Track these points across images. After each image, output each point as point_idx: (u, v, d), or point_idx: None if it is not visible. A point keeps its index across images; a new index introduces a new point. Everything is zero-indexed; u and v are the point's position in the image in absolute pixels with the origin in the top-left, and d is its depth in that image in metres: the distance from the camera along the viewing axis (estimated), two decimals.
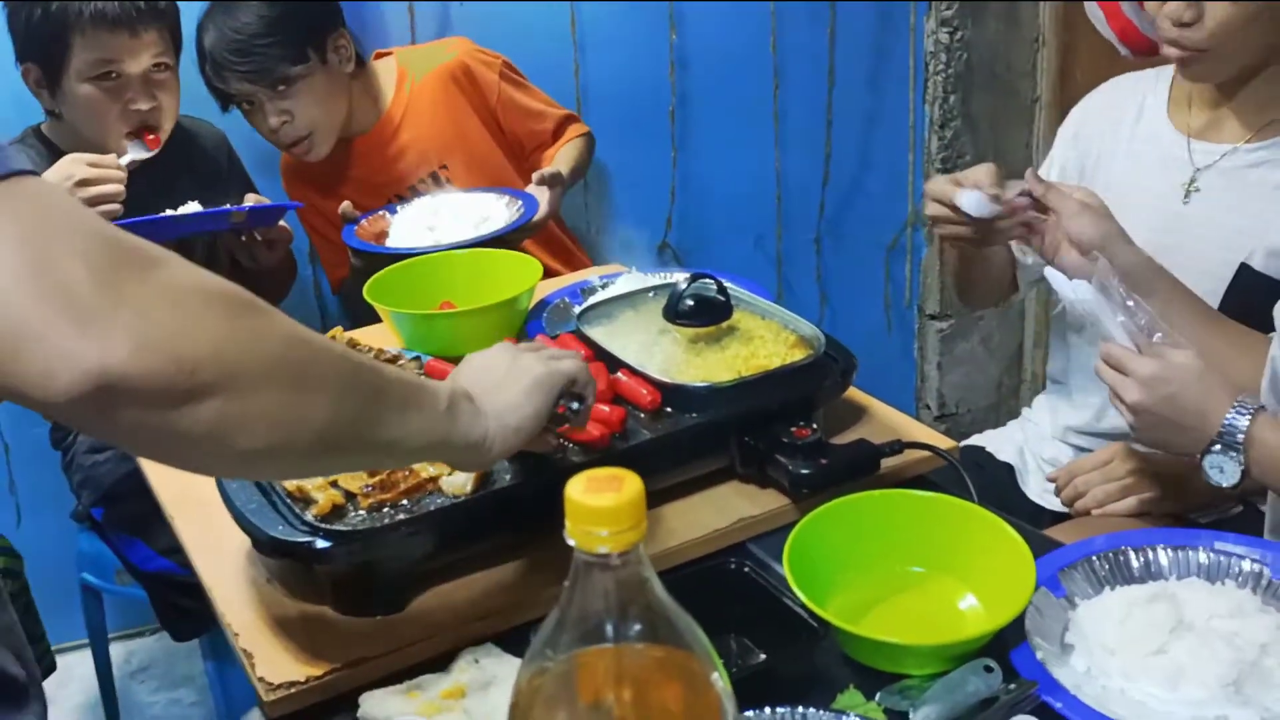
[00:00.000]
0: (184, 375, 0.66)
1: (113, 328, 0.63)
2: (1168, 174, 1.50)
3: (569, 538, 0.58)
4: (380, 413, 0.82)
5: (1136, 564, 1.03)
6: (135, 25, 1.83)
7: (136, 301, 0.64)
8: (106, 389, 0.63)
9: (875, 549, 1.06)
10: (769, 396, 1.21)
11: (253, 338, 0.70)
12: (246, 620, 1.08)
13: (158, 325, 0.65)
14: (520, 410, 0.96)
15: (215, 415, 0.68)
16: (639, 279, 1.70)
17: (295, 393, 0.74)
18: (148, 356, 0.64)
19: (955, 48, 2.65)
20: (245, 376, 0.69)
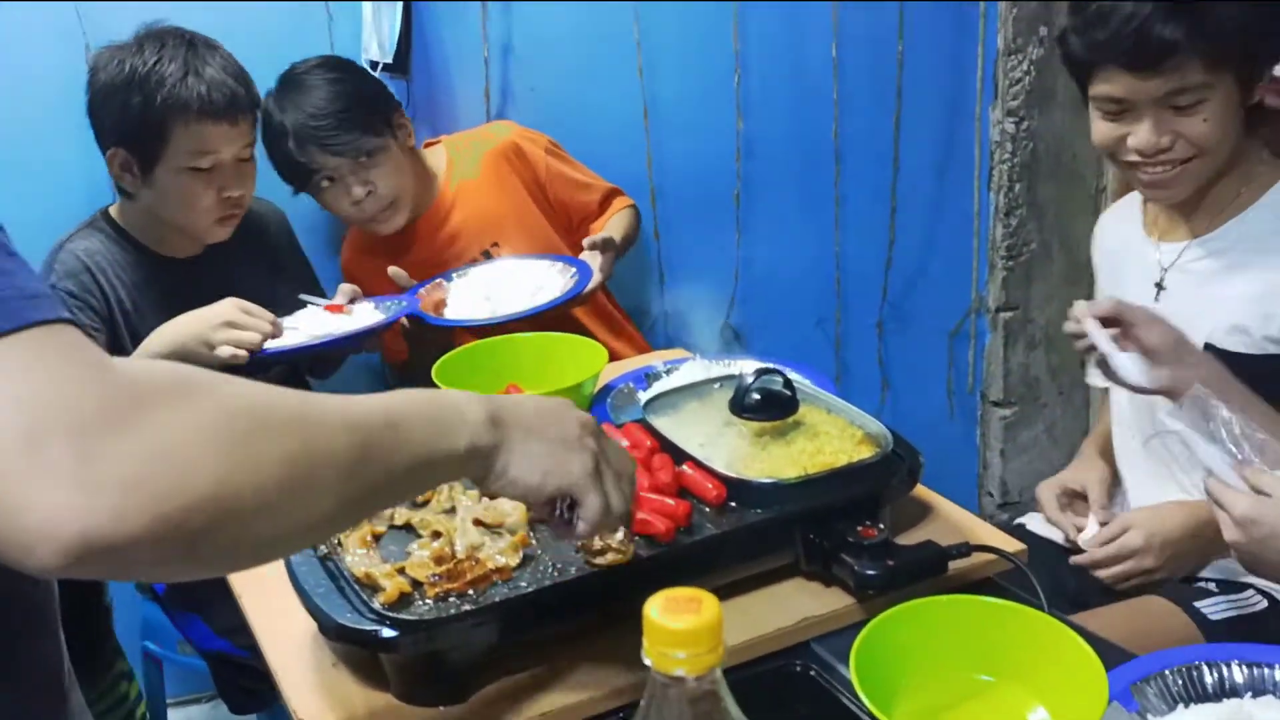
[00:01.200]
0: (173, 530, 0.64)
1: (96, 493, 0.61)
2: (1144, 279, 1.62)
3: (646, 657, 0.58)
4: (393, 481, 0.81)
5: (1210, 680, 1.01)
6: (236, 115, 1.87)
7: (117, 465, 0.62)
8: (89, 556, 0.62)
9: (943, 655, 1.04)
10: (835, 494, 1.21)
11: (254, 467, 0.68)
12: (311, 704, 1.09)
13: (146, 483, 0.63)
14: (523, 472, 0.92)
15: (217, 550, 0.68)
16: (704, 366, 1.71)
17: (301, 504, 0.72)
18: (132, 518, 0.62)
19: (1021, 137, 2.66)
20: (245, 510, 0.68)
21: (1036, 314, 2.83)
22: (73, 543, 0.61)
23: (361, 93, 2.09)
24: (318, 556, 1.14)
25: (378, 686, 1.09)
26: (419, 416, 0.84)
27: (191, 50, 1.85)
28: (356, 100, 2.07)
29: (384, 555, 1.13)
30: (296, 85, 2.06)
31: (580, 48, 2.40)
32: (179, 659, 2.07)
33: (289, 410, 0.73)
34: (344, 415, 0.77)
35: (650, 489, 1.20)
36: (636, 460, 1.25)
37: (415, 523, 1.19)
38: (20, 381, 0.63)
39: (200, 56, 1.85)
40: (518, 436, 0.92)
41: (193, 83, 1.82)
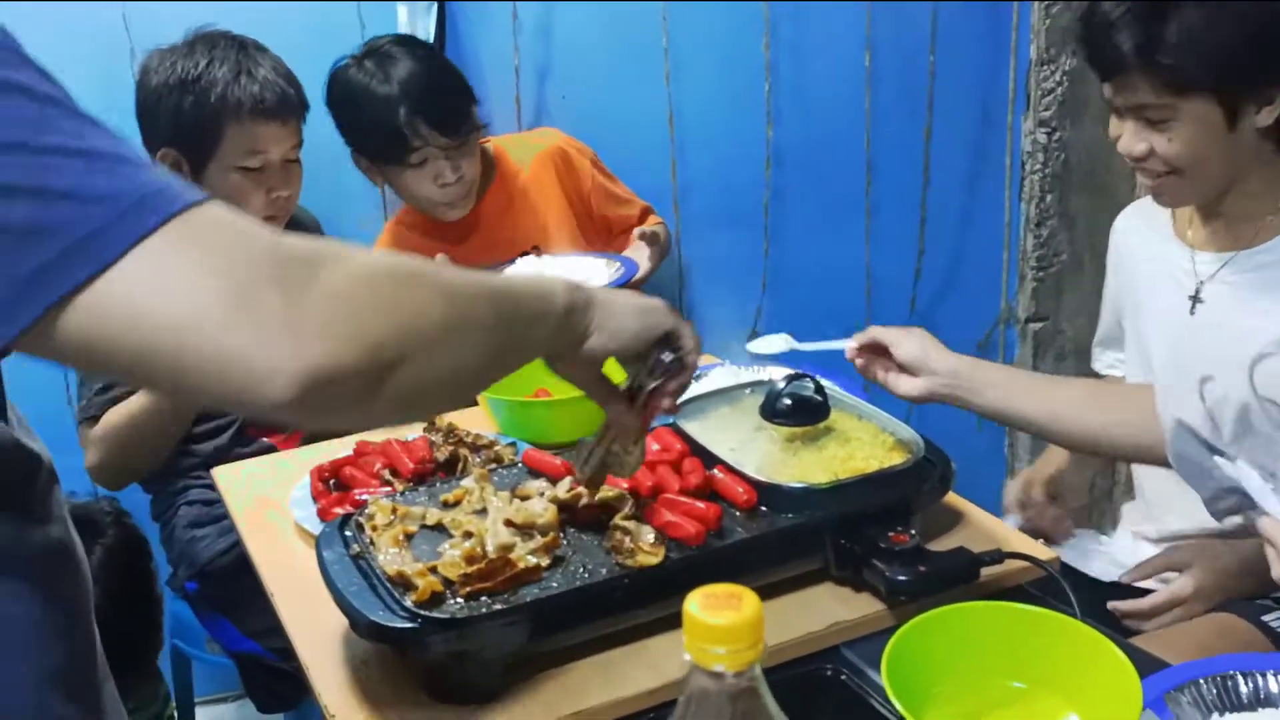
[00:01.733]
0: (374, 358, 0.73)
1: (305, 334, 0.70)
2: (1178, 288, 1.56)
3: (685, 653, 0.59)
4: (520, 335, 0.92)
5: (1245, 689, 1.00)
6: (286, 115, 1.90)
7: (318, 304, 0.71)
8: (313, 389, 0.70)
9: (975, 662, 1.04)
10: (866, 500, 1.21)
11: (418, 309, 0.77)
12: (342, 701, 1.09)
13: (341, 321, 0.71)
14: (624, 320, 1.02)
15: (405, 386, 0.76)
16: (733, 372, 1.71)
17: (461, 345, 0.82)
18: (341, 351, 0.71)
19: (1053, 148, 2.65)
20: (421, 346, 0.77)
21: (1066, 325, 2.81)
22: (298, 377, 0.69)
23: (459, 75, 2.12)
24: (350, 555, 1.15)
25: (408, 684, 1.10)
26: (522, 286, 0.94)
27: (243, 52, 1.88)
28: (458, 81, 2.10)
29: (416, 555, 1.14)
30: (390, 58, 2.04)
31: (610, 54, 2.41)
32: (207, 658, 2.08)
33: (428, 266, 0.83)
34: (470, 277, 0.86)
35: (680, 492, 1.20)
36: (667, 464, 1.26)
37: (447, 523, 1.19)
38: (210, 251, 0.70)
39: (251, 58, 1.88)
40: (603, 300, 1.02)
41: (246, 83, 1.85)
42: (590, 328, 1.00)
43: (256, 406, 0.70)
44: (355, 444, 1.52)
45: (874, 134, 2.55)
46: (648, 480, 1.22)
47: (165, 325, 0.68)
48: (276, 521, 1.43)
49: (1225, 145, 1.42)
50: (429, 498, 1.26)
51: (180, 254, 0.69)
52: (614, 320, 1.02)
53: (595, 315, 1.00)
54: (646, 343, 1.05)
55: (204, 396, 0.71)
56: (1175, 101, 1.39)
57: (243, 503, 1.52)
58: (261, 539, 1.41)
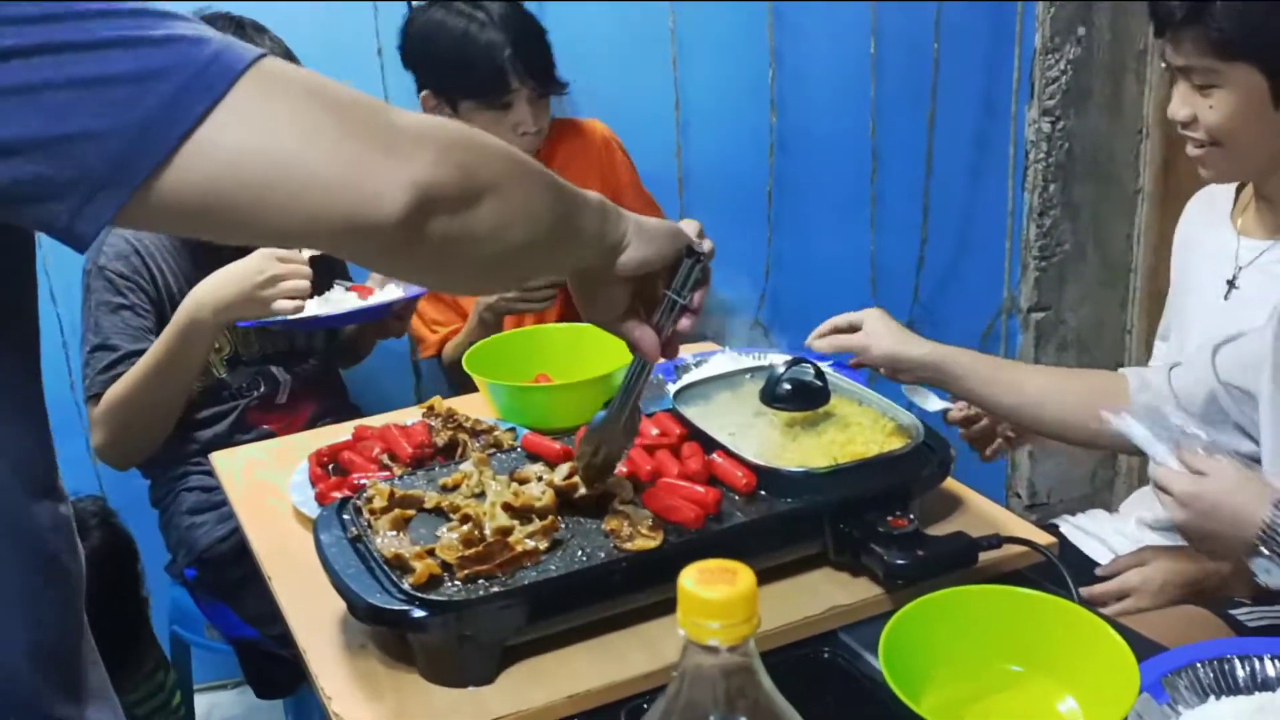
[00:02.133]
0: (469, 178, 0.79)
1: (410, 152, 0.75)
2: (1217, 272, 1.57)
3: (680, 628, 0.58)
4: (570, 209, 0.93)
5: (1242, 673, 1.00)
6: None
7: (410, 131, 0.76)
8: (424, 200, 0.74)
9: (973, 646, 1.04)
10: (865, 485, 1.20)
11: (489, 151, 0.82)
12: (340, 684, 1.09)
13: (435, 144, 0.77)
14: (654, 231, 1.03)
15: (494, 212, 0.81)
16: (733, 358, 1.71)
17: (531, 190, 0.86)
18: (443, 168, 0.76)
19: (1057, 137, 2.65)
20: (502, 178, 0.82)
21: (1069, 315, 2.81)
22: (407, 189, 0.74)
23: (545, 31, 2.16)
24: (348, 538, 1.15)
25: (406, 667, 1.10)
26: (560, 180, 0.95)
27: (240, 32, 1.86)
28: (545, 36, 2.13)
29: (414, 538, 1.14)
30: (482, 2, 2.07)
31: (615, 41, 2.41)
32: (206, 644, 2.08)
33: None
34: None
35: (680, 477, 1.20)
36: (666, 449, 1.26)
37: (445, 506, 1.19)
38: (299, 86, 0.73)
39: (249, 38, 1.86)
40: (631, 214, 1.03)
41: None
42: (626, 237, 1.01)
43: (373, 222, 0.73)
44: (354, 429, 1.52)
45: (878, 123, 2.55)
46: (647, 465, 1.22)
47: (280, 151, 0.71)
48: (275, 506, 1.43)
49: (1268, 122, 1.41)
50: (427, 481, 1.25)
51: (275, 92, 0.72)
52: (648, 230, 1.03)
53: (629, 226, 1.01)
54: (677, 252, 1.06)
55: (323, 223, 0.73)
56: (1219, 66, 1.39)
57: (241, 488, 1.52)
58: (259, 524, 1.41)
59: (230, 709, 2.57)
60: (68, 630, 0.87)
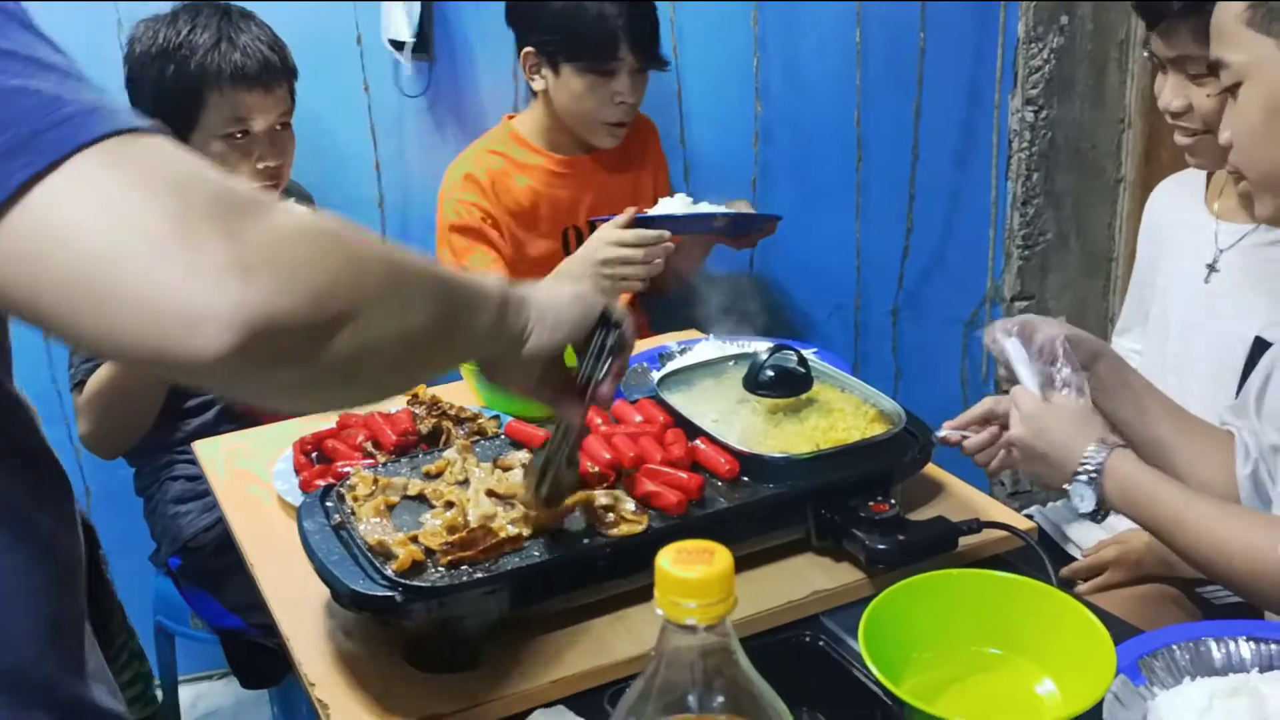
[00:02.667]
0: (320, 307, 0.66)
1: (249, 275, 0.62)
2: (1196, 254, 1.58)
3: (657, 607, 0.59)
4: (459, 315, 0.86)
5: (1218, 655, 1.01)
6: (269, 82, 1.88)
7: (262, 246, 0.64)
8: (254, 338, 0.62)
9: (952, 628, 1.05)
10: (847, 470, 1.21)
11: (361, 264, 0.71)
12: (323, 671, 1.09)
13: (287, 265, 0.64)
14: (561, 312, 0.99)
15: (350, 343, 0.69)
16: (717, 346, 1.72)
17: (404, 308, 0.76)
18: (287, 296, 0.64)
19: (1040, 126, 2.65)
20: (366, 300, 0.70)
21: (1052, 304, 2.82)
22: (235, 321, 0.61)
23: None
24: (331, 525, 1.15)
25: (389, 654, 1.10)
26: (453, 270, 0.90)
27: (226, 19, 1.86)
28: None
29: (397, 525, 1.14)
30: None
31: None
32: (191, 634, 2.08)
33: (371, 234, 0.76)
34: (406, 248, 0.80)
35: (663, 463, 1.21)
36: (650, 435, 1.26)
37: (428, 493, 1.19)
38: (157, 171, 0.63)
39: (234, 24, 1.86)
40: (534, 293, 0.98)
41: (225, 49, 1.83)
42: (529, 326, 0.97)
43: (185, 357, 0.62)
44: (338, 417, 1.52)
45: (863, 112, 2.55)
46: (630, 451, 1.23)
47: (96, 248, 0.61)
48: (258, 495, 1.44)
49: None
50: (411, 469, 1.26)
51: (121, 172, 0.63)
52: (552, 314, 0.99)
53: (532, 312, 0.97)
54: (587, 329, 1.03)
55: (127, 343, 0.62)
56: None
57: (224, 476, 1.52)
58: (243, 512, 1.41)
59: (217, 700, 2.57)
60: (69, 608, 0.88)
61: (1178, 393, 1.56)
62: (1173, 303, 1.60)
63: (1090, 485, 1.21)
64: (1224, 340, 1.52)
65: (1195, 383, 1.57)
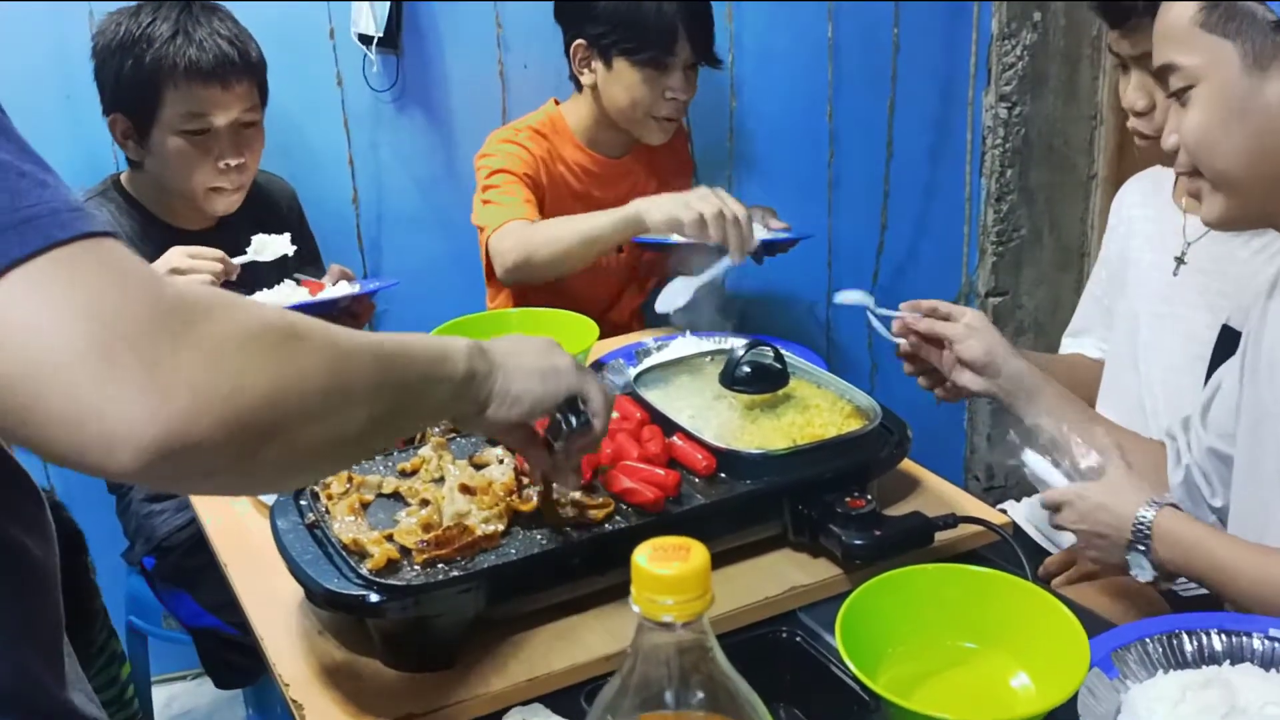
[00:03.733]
0: (240, 430, 0.67)
1: (166, 400, 0.64)
2: (1165, 249, 1.59)
3: (634, 604, 0.59)
4: (413, 399, 0.87)
5: (1190, 648, 1.02)
6: (228, 78, 1.85)
7: (188, 366, 0.65)
8: (167, 459, 0.64)
9: (928, 623, 1.05)
10: (824, 466, 1.21)
11: (298, 374, 0.72)
12: (297, 671, 1.09)
13: (210, 387, 0.65)
14: (525, 385, 0.98)
15: (274, 457, 0.70)
16: (694, 343, 1.71)
17: (341, 415, 0.76)
18: (204, 420, 0.65)
19: (1013, 122, 2.67)
20: (296, 414, 0.71)
21: (1025, 299, 2.83)
22: (151, 444, 0.63)
23: None
24: (305, 524, 1.14)
25: (364, 653, 1.09)
26: (419, 346, 0.88)
27: (186, 12, 1.84)
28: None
29: (372, 523, 1.13)
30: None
31: None
32: (163, 634, 2.06)
33: (315, 325, 0.76)
34: (359, 337, 0.80)
35: (640, 459, 1.20)
36: (626, 432, 1.26)
37: (404, 491, 1.19)
38: (83, 291, 0.64)
39: (194, 18, 1.84)
40: (506, 361, 0.97)
41: (181, 43, 1.80)
42: (491, 395, 0.96)
43: (106, 470, 0.65)
44: None
45: (836, 108, 2.56)
46: (607, 448, 1.22)
47: (25, 360, 0.63)
48: None
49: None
50: (386, 467, 1.25)
51: (54, 286, 0.64)
52: (515, 386, 0.98)
53: (497, 382, 0.97)
54: (549, 408, 1.02)
55: (47, 448, 0.65)
56: None
57: None
58: (216, 511, 1.39)
59: (190, 700, 2.55)
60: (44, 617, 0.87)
61: (1146, 385, 1.58)
62: (1141, 297, 1.61)
63: (1145, 554, 1.18)
64: (1192, 332, 1.53)
65: (1163, 374, 1.58)
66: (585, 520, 1.13)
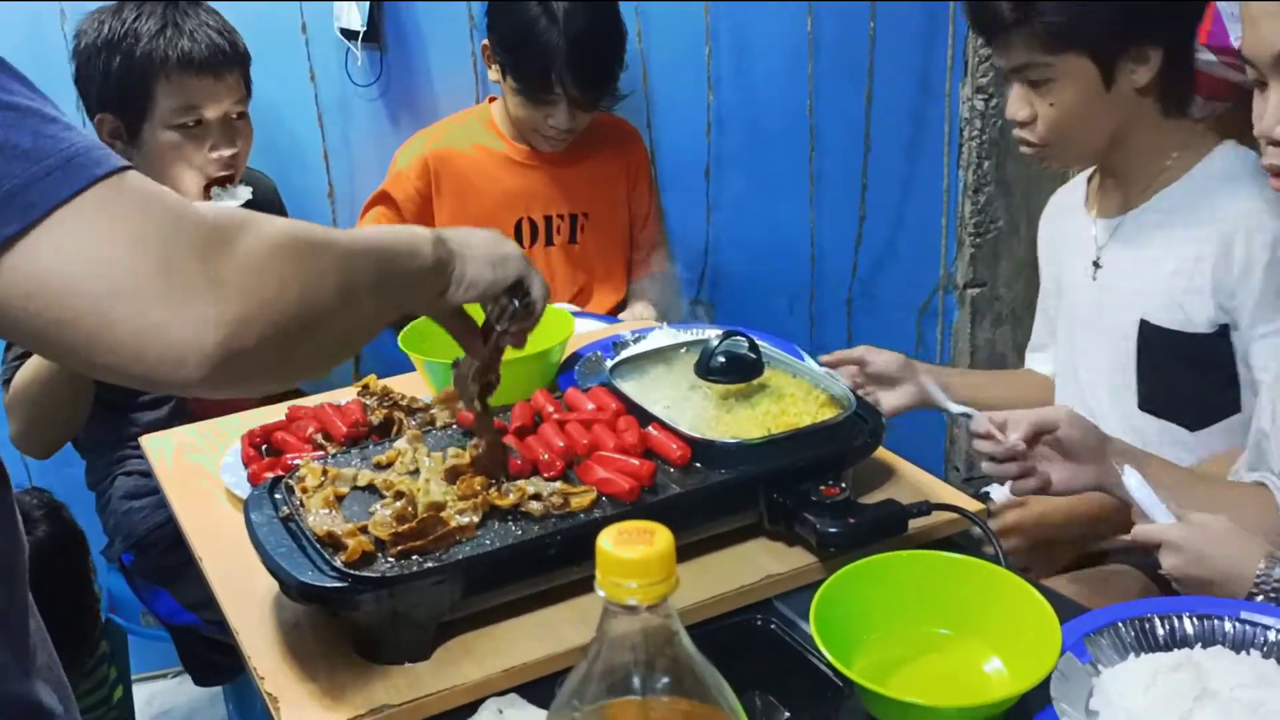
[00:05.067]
0: (281, 333, 0.76)
1: (224, 308, 0.71)
2: (1082, 256, 1.63)
3: (599, 588, 0.59)
4: (399, 292, 0.97)
5: (1162, 631, 1.03)
6: (220, 68, 1.84)
7: (232, 281, 0.72)
8: (228, 363, 0.72)
9: (902, 609, 1.06)
10: (798, 454, 1.21)
11: (321, 278, 0.80)
12: (272, 664, 1.08)
13: (257, 294, 0.74)
14: (479, 271, 1.07)
15: (309, 351, 0.81)
16: (671, 334, 1.71)
17: (357, 307, 0.86)
18: (256, 324, 0.73)
19: (990, 114, 2.67)
20: (324, 313, 0.81)
21: (1003, 290, 2.84)
22: (214, 351, 0.71)
23: (620, 39, 2.16)
24: (279, 518, 1.14)
25: (340, 646, 1.09)
26: (397, 241, 0.98)
27: (172, 6, 1.83)
28: (616, 48, 2.14)
29: (347, 516, 1.13)
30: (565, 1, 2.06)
31: None
32: (143, 632, 2.05)
33: (323, 235, 0.84)
34: (355, 239, 0.89)
35: (615, 450, 1.20)
36: (602, 422, 1.26)
37: (379, 483, 1.18)
38: (132, 221, 0.70)
39: (181, 11, 1.83)
40: (463, 249, 1.07)
41: (171, 35, 1.80)
42: (451, 279, 1.05)
43: (174, 383, 0.72)
44: (288, 409, 1.50)
45: (816, 101, 2.56)
46: (583, 439, 1.22)
47: (89, 291, 0.68)
48: (207, 489, 1.42)
49: (1104, 105, 1.47)
50: (361, 460, 1.25)
51: (104, 220, 0.69)
52: (470, 271, 1.07)
53: (455, 268, 1.05)
54: (499, 291, 1.11)
55: (116, 369, 0.71)
56: (1051, 60, 1.45)
57: (172, 470, 1.50)
58: (192, 506, 1.39)
59: (170, 699, 2.54)
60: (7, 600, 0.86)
61: (1090, 391, 1.61)
62: (1071, 305, 1.66)
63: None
64: (1116, 333, 1.56)
65: (1101, 376, 1.61)
66: (567, 509, 1.13)
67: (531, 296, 1.14)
